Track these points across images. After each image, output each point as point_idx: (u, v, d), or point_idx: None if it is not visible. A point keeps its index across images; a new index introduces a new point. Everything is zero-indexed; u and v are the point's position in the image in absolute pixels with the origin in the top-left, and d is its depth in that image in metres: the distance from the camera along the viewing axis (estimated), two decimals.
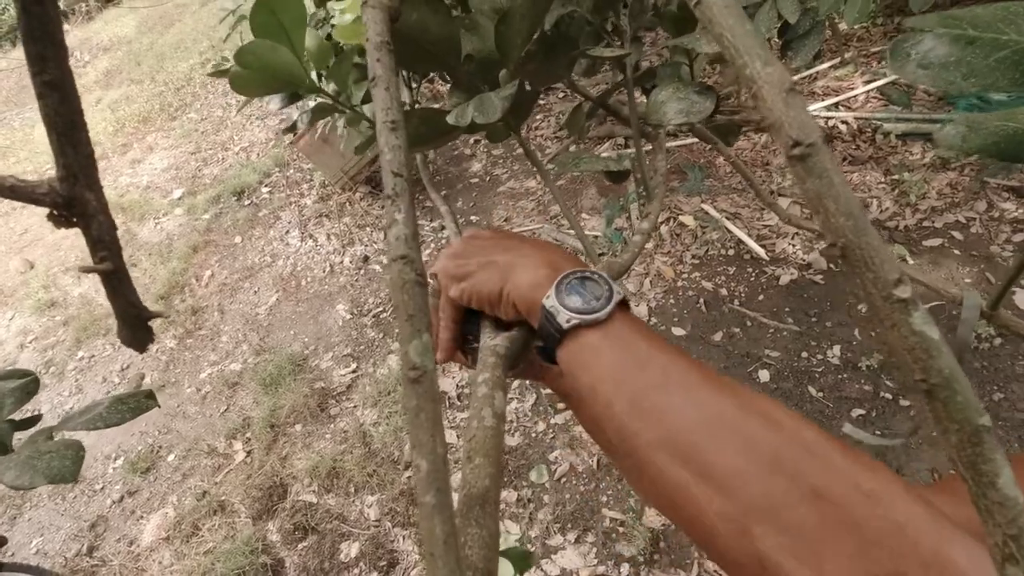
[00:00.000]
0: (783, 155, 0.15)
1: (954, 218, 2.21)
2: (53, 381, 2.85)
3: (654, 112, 0.54)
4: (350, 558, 1.84)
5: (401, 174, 0.24)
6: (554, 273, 0.39)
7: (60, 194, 0.24)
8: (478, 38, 0.53)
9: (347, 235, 3.16)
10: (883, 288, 0.13)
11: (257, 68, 0.54)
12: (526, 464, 1.94)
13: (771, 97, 0.15)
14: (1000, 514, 0.12)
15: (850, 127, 2.65)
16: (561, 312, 0.37)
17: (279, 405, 2.34)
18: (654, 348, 0.35)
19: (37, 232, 4.10)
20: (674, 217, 2.58)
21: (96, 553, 2.07)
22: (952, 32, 0.28)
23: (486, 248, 0.45)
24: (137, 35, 7.76)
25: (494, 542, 0.31)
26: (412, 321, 0.21)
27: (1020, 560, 0.12)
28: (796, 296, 2.17)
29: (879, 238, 0.13)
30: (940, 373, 0.13)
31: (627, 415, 0.33)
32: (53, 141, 0.23)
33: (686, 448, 0.30)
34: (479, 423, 0.37)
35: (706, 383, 0.32)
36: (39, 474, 0.41)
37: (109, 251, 0.26)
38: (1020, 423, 1.68)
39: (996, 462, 0.13)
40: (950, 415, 0.13)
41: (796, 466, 0.28)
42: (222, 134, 4.68)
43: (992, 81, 0.27)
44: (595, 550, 1.69)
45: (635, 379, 0.34)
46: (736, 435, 0.30)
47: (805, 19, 0.89)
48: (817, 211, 0.14)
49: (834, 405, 1.84)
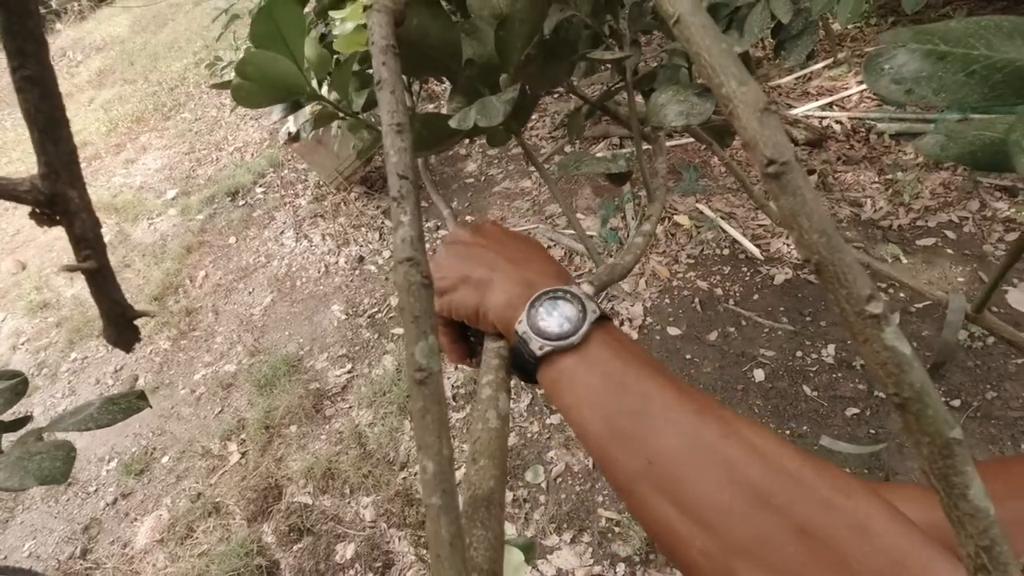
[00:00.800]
0: (758, 172, 0.15)
1: (947, 217, 2.23)
2: (46, 383, 2.83)
3: (654, 115, 0.55)
4: (346, 559, 1.84)
5: (407, 176, 0.24)
6: (528, 292, 0.38)
7: (42, 191, 0.24)
8: (478, 43, 0.53)
9: (342, 235, 3.16)
10: (856, 304, 0.13)
11: (258, 79, 0.55)
12: (522, 464, 1.94)
13: (746, 116, 0.15)
14: (971, 525, 0.13)
15: (844, 127, 2.67)
16: (533, 340, 0.36)
17: (274, 406, 2.33)
18: (631, 370, 0.33)
19: (29, 233, 4.08)
20: (669, 217, 2.58)
21: (90, 556, 2.06)
22: (924, 47, 0.28)
23: (464, 259, 0.43)
24: (130, 34, 7.72)
25: (499, 544, 0.31)
26: (418, 323, 0.21)
27: (992, 570, 0.12)
28: (791, 295, 2.18)
29: (852, 254, 0.14)
30: (912, 387, 0.13)
31: (606, 442, 0.32)
32: (35, 138, 0.23)
33: (668, 480, 0.29)
34: (483, 425, 0.37)
35: (686, 407, 0.31)
36: (29, 475, 0.41)
37: (93, 249, 0.26)
38: (1013, 421, 1.69)
39: (967, 474, 0.13)
40: (922, 428, 0.13)
41: (781, 499, 0.27)
42: (216, 134, 4.66)
43: (962, 96, 0.27)
44: (591, 550, 1.70)
45: (612, 405, 0.32)
46: (718, 465, 0.29)
47: (798, 19, 0.89)
48: (791, 228, 0.14)
49: (828, 404, 1.85)
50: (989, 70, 0.27)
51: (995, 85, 0.27)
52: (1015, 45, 0.28)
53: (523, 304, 0.37)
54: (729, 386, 1.98)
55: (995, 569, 0.12)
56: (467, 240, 0.45)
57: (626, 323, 2.27)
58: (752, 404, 1.91)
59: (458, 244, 0.45)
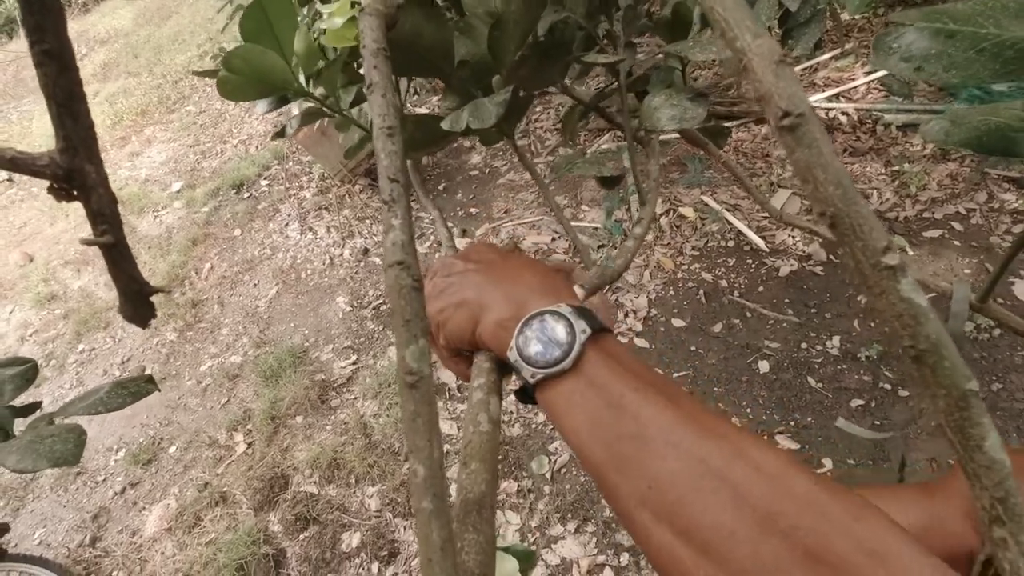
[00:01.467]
0: (772, 126, 0.15)
1: (954, 209, 2.21)
2: (54, 374, 2.86)
3: (647, 118, 0.55)
4: (351, 548, 1.85)
5: (398, 179, 0.24)
6: (518, 314, 0.37)
7: (60, 166, 0.24)
8: (472, 43, 0.53)
9: (347, 227, 3.16)
10: (871, 256, 0.13)
11: (245, 73, 0.54)
12: (526, 455, 1.95)
13: (761, 69, 0.15)
14: (987, 477, 0.13)
15: (851, 118, 2.65)
16: (524, 368, 0.35)
17: (280, 397, 2.34)
18: (628, 391, 0.32)
19: (36, 225, 4.10)
20: (674, 209, 2.57)
21: (99, 544, 2.09)
22: (933, 26, 0.29)
23: (456, 287, 0.42)
24: (134, 27, 7.72)
25: (490, 547, 0.31)
26: (408, 326, 0.21)
27: (1007, 522, 0.12)
28: (796, 287, 2.17)
29: (867, 207, 0.14)
30: (928, 339, 0.13)
31: (605, 467, 0.31)
32: (53, 112, 0.23)
33: (669, 505, 0.28)
34: (475, 428, 0.37)
35: (687, 428, 0.30)
36: (42, 457, 0.41)
37: (110, 224, 0.26)
38: (1019, 412, 1.69)
39: (983, 426, 0.13)
40: (938, 380, 0.13)
41: (789, 523, 0.25)
42: (220, 127, 4.67)
43: (972, 72, 0.27)
44: (595, 540, 1.70)
45: (610, 429, 0.31)
46: (722, 487, 0.27)
47: (806, 7, 0.88)
48: (806, 180, 0.14)
49: (833, 395, 1.85)
50: (999, 47, 0.28)
51: (1007, 61, 0.28)
52: (1023, 24, 0.28)
53: (514, 327, 0.36)
54: (734, 378, 1.98)
55: (1010, 520, 0.12)
56: (458, 268, 0.44)
57: (631, 315, 2.27)
58: (756, 396, 1.91)
59: (449, 272, 0.44)
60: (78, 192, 0.25)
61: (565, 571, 1.66)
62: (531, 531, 1.76)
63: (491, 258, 0.44)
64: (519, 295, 0.39)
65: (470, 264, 0.43)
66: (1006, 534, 0.13)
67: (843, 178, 0.14)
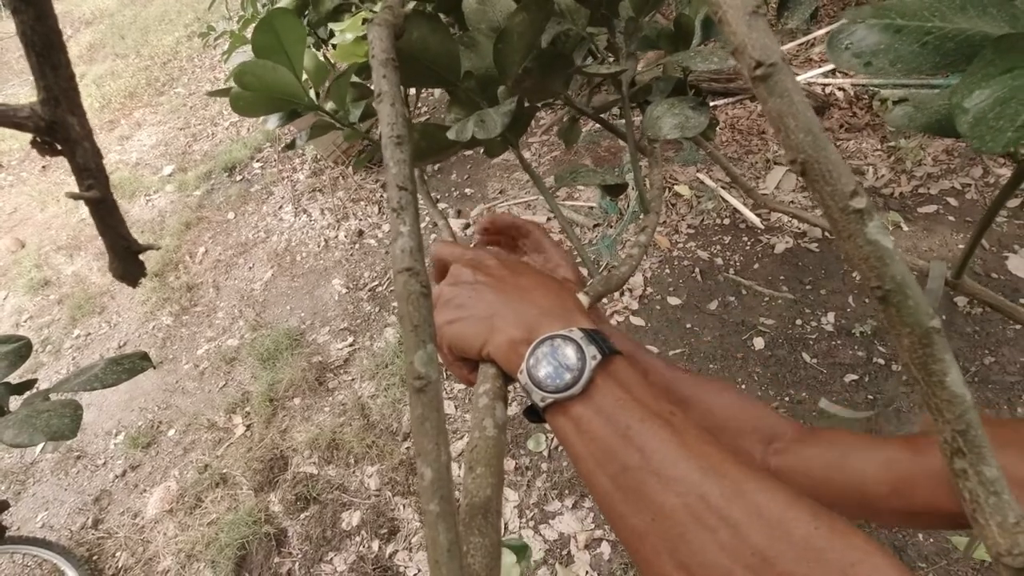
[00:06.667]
0: (746, 76, 0.15)
1: (949, 184, 2.22)
2: (50, 359, 2.86)
3: (650, 127, 0.55)
4: (351, 527, 1.88)
5: (406, 187, 0.24)
6: (528, 336, 0.37)
7: (42, 118, 0.24)
8: (477, 55, 0.54)
9: (341, 209, 3.15)
10: (840, 200, 0.14)
11: (257, 88, 0.56)
12: (524, 433, 1.97)
13: (735, 20, 0.15)
14: (948, 411, 0.13)
15: (846, 94, 2.63)
16: (534, 392, 0.35)
17: (277, 379, 2.35)
18: (635, 420, 0.32)
19: (27, 211, 4.07)
20: (670, 187, 2.57)
21: (101, 526, 2.11)
22: (882, 22, 0.30)
23: (466, 300, 0.42)
24: (119, 7, 7.57)
25: (496, 551, 0.31)
26: (417, 332, 0.22)
27: (967, 453, 0.13)
28: (791, 264, 2.18)
29: (837, 153, 0.14)
30: (893, 279, 0.13)
31: (611, 496, 0.32)
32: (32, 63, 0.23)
33: (671, 539, 0.29)
34: (480, 433, 0.37)
35: (691, 463, 0.30)
36: (38, 431, 0.42)
37: (95, 179, 0.26)
38: (1010, 385, 1.71)
39: (945, 362, 0.13)
40: (902, 319, 0.13)
41: (784, 568, 0.26)
42: (211, 108, 4.61)
43: (916, 66, 0.28)
44: (592, 515, 1.73)
45: (616, 459, 0.32)
46: (721, 527, 0.28)
47: None
48: (778, 129, 0.14)
49: (827, 371, 1.87)
50: (941, 40, 0.29)
51: (947, 53, 0.29)
52: (967, 16, 0.29)
53: (524, 349, 0.37)
54: (729, 354, 2.00)
55: (970, 451, 0.13)
56: (466, 277, 0.43)
57: (627, 293, 2.28)
58: (751, 372, 1.93)
59: (456, 281, 0.44)
60: (62, 146, 0.25)
61: (563, 546, 1.69)
62: (529, 508, 1.79)
63: (501, 273, 0.43)
64: (530, 317, 0.38)
65: (480, 275, 0.43)
66: (966, 465, 0.13)
67: (813, 126, 0.14)
